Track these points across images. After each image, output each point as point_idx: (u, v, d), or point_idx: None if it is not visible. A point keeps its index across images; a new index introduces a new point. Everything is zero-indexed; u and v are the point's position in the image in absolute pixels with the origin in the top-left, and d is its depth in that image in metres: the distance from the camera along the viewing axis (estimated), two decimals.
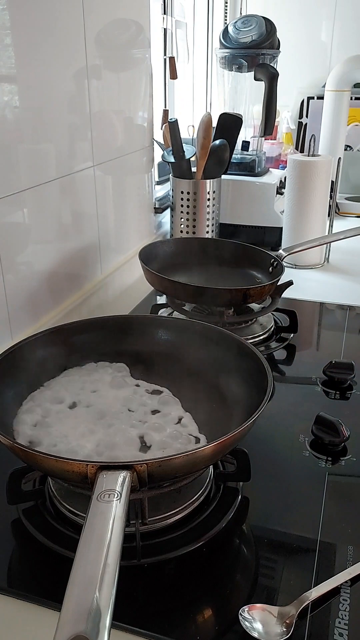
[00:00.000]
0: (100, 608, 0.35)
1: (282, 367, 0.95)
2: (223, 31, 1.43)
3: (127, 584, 0.53)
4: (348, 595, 0.52)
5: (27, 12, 0.81)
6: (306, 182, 1.30)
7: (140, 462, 0.48)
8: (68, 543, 0.57)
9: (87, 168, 1.05)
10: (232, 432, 0.54)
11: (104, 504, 0.43)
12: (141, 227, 1.38)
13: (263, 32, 1.37)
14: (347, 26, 2.06)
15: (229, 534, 0.59)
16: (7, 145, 0.81)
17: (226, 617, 0.51)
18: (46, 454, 0.51)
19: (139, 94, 1.26)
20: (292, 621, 0.49)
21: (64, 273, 1.01)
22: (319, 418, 0.75)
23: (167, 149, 1.33)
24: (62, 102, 0.94)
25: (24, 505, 0.62)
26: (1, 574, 0.55)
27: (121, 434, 0.63)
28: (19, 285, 0.88)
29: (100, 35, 1.03)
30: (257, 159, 1.50)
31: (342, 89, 1.73)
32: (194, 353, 0.75)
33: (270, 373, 0.62)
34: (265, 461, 0.70)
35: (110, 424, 0.66)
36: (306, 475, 0.68)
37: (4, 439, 0.54)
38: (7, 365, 0.66)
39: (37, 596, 0.52)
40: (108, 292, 1.18)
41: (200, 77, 1.99)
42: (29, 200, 0.88)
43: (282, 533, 0.60)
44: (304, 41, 2.08)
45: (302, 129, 2.19)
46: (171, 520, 0.60)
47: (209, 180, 1.30)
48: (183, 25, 1.67)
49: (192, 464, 0.53)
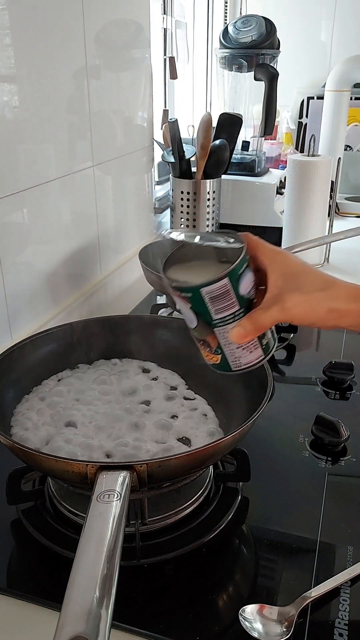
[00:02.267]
0: (100, 608, 0.35)
1: (282, 367, 0.95)
2: (223, 31, 1.43)
3: (127, 584, 0.53)
4: (348, 595, 0.52)
5: (27, 12, 0.81)
6: (306, 182, 1.30)
7: (140, 462, 0.48)
8: (68, 543, 0.57)
9: (87, 168, 1.05)
10: (231, 432, 0.54)
11: (104, 504, 0.43)
12: (141, 227, 1.38)
13: (263, 32, 1.37)
14: (347, 26, 2.06)
15: (228, 534, 0.59)
16: (7, 145, 0.81)
17: (226, 617, 0.51)
18: (46, 454, 0.51)
19: (139, 94, 1.26)
20: (292, 621, 0.49)
21: (64, 273, 1.01)
22: (319, 418, 0.75)
23: (167, 149, 1.33)
24: (62, 102, 0.94)
25: (24, 505, 0.62)
26: (1, 574, 0.55)
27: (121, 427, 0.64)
28: (19, 285, 0.88)
29: (100, 35, 1.03)
30: (257, 159, 1.50)
31: (342, 89, 1.73)
32: (193, 353, 0.75)
33: (270, 373, 0.62)
34: (265, 461, 0.70)
35: (109, 422, 0.66)
36: (306, 476, 0.68)
37: (4, 439, 0.54)
38: (7, 365, 0.67)
39: (37, 596, 0.52)
40: (108, 292, 1.18)
41: (200, 77, 1.99)
42: (29, 200, 0.88)
43: (281, 533, 0.60)
44: (304, 41, 2.08)
45: (302, 129, 2.19)
46: (171, 521, 0.60)
47: (209, 180, 1.30)
48: (183, 25, 1.67)
49: (192, 464, 0.53)
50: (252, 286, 0.49)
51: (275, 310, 0.47)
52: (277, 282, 0.48)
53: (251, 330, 0.48)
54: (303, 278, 0.48)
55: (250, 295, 0.49)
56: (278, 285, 0.48)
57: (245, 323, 0.48)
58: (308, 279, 0.48)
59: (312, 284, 0.48)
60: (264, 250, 0.50)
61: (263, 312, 0.48)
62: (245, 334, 0.48)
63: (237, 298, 0.48)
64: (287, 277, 0.48)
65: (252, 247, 0.50)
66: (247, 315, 0.48)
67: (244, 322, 0.48)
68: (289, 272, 0.49)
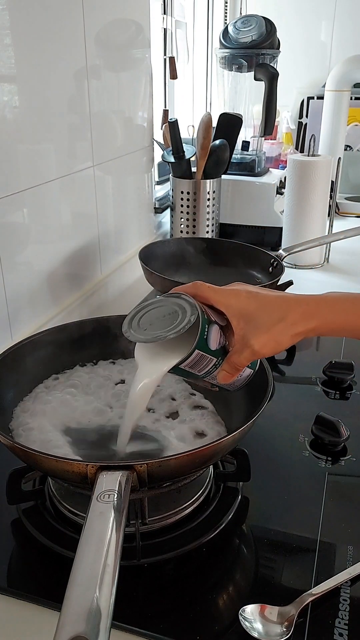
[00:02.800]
0: (100, 608, 0.35)
1: (282, 367, 0.95)
2: (223, 31, 1.43)
3: (127, 584, 0.53)
4: (348, 595, 0.52)
5: (27, 12, 0.81)
6: (306, 182, 1.30)
7: (140, 462, 0.48)
8: (68, 543, 0.57)
9: (87, 168, 1.05)
10: (232, 432, 0.54)
11: (104, 504, 0.43)
12: (141, 227, 1.38)
13: (263, 32, 1.37)
14: (347, 26, 2.06)
15: (229, 534, 0.60)
16: (7, 145, 0.81)
17: (226, 617, 0.51)
18: (46, 454, 0.51)
19: (139, 94, 1.26)
20: (292, 621, 0.49)
21: (64, 273, 1.01)
22: (319, 418, 0.75)
23: (167, 149, 1.33)
24: (62, 102, 0.94)
25: (24, 505, 0.62)
26: (1, 574, 0.55)
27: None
28: (19, 285, 0.88)
29: (100, 35, 1.03)
30: (257, 159, 1.50)
31: (342, 89, 1.73)
32: None
33: (270, 373, 0.62)
34: (265, 461, 0.70)
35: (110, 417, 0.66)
36: (306, 475, 0.68)
37: (4, 439, 0.54)
38: (7, 365, 0.67)
39: (37, 596, 0.52)
40: (108, 292, 1.18)
41: (200, 77, 1.99)
42: (29, 200, 0.88)
43: (282, 533, 0.60)
44: (304, 41, 2.08)
45: (302, 129, 2.19)
46: (171, 520, 0.60)
47: (209, 180, 1.30)
48: (183, 25, 1.67)
49: (192, 464, 0.53)
50: (219, 335, 0.54)
51: (247, 353, 0.53)
52: (239, 324, 0.53)
53: (233, 371, 0.55)
54: (259, 316, 0.52)
55: (221, 343, 0.54)
56: (241, 327, 0.53)
57: (227, 367, 0.55)
58: (264, 316, 0.52)
59: (270, 319, 0.52)
60: (217, 300, 0.54)
61: (238, 355, 0.53)
62: (230, 375, 0.55)
63: (212, 354, 0.53)
64: (246, 319, 0.53)
65: (205, 300, 0.54)
66: (226, 361, 0.54)
67: (226, 367, 0.55)
68: (245, 313, 0.53)
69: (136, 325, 0.55)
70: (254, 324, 0.52)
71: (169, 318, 0.53)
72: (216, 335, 0.53)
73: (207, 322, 0.52)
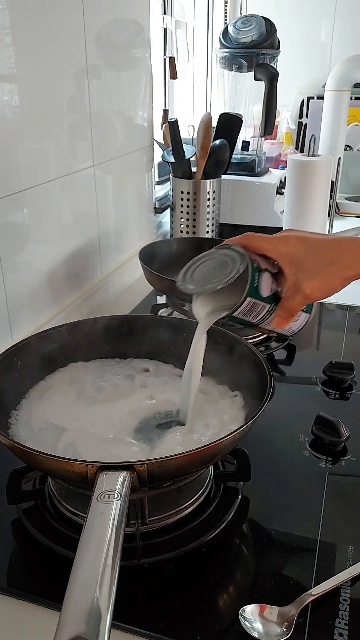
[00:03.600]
0: (100, 608, 0.35)
1: (282, 367, 0.95)
2: (223, 31, 1.43)
3: (127, 584, 0.53)
4: (348, 595, 0.52)
5: (27, 12, 0.81)
6: (306, 182, 1.30)
7: (140, 462, 0.48)
8: (68, 543, 0.57)
9: (87, 168, 1.05)
10: (232, 432, 0.54)
11: (104, 504, 0.43)
12: (141, 227, 1.38)
13: (263, 32, 1.37)
14: (347, 26, 2.06)
15: (229, 533, 0.59)
16: (7, 145, 0.81)
17: (226, 617, 0.51)
18: (46, 454, 0.51)
19: (139, 94, 1.26)
20: (292, 621, 0.49)
21: (64, 273, 1.01)
22: (319, 418, 0.75)
23: (167, 149, 1.33)
24: (62, 102, 0.94)
25: (24, 505, 0.62)
26: (1, 574, 0.55)
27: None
28: (19, 285, 0.88)
29: (101, 35, 1.03)
30: (257, 159, 1.50)
31: (342, 89, 1.73)
32: None
33: (270, 373, 0.62)
34: (265, 461, 0.70)
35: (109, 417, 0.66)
36: (306, 475, 0.68)
37: (4, 439, 0.54)
38: (7, 365, 0.66)
39: (37, 596, 0.52)
40: (108, 292, 1.18)
41: (200, 77, 1.99)
42: (29, 200, 0.88)
43: (282, 533, 0.60)
44: (304, 41, 2.08)
45: (302, 129, 2.19)
46: (171, 520, 0.60)
47: (209, 180, 1.30)
48: (183, 25, 1.67)
49: (192, 464, 0.53)
50: (271, 282, 0.55)
51: (299, 297, 0.54)
52: (291, 270, 0.53)
53: (287, 317, 0.56)
54: (310, 260, 0.53)
55: (273, 290, 0.55)
56: (292, 272, 0.53)
57: (281, 313, 0.56)
58: (315, 260, 0.53)
59: (321, 262, 0.52)
60: (267, 248, 0.54)
61: (291, 301, 0.54)
62: (284, 320, 0.56)
63: (264, 301, 0.55)
64: (297, 265, 0.53)
65: (256, 250, 0.55)
66: (279, 307, 0.55)
67: (280, 313, 0.56)
68: (296, 259, 0.53)
69: (189, 278, 0.57)
70: (304, 268, 0.52)
71: (219, 269, 0.54)
72: (267, 282, 0.54)
73: (257, 270, 0.53)
